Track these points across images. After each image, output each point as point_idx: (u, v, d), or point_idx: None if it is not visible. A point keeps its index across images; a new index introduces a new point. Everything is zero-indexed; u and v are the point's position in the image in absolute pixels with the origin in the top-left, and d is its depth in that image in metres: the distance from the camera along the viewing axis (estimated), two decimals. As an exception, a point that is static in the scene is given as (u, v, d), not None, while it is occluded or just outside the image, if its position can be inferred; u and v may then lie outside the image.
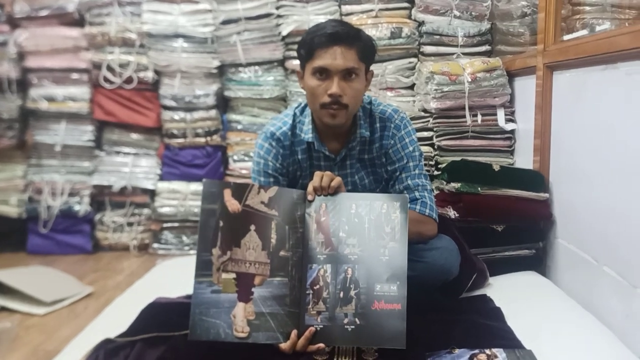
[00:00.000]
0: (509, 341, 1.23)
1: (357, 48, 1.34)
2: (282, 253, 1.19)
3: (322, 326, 1.15)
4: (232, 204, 1.18)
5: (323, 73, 1.34)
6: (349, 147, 1.49)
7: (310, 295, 1.18)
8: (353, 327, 1.15)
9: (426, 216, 1.46)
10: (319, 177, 1.24)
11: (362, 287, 1.17)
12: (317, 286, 1.18)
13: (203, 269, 1.14)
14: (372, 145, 1.51)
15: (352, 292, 1.17)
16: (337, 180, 1.25)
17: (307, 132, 1.47)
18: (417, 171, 1.49)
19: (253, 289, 1.15)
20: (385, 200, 1.23)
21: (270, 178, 1.48)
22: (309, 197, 1.24)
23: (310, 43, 1.35)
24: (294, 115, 1.51)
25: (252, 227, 1.18)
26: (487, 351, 1.16)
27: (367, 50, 1.39)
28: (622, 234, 1.38)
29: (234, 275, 1.15)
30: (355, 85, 1.36)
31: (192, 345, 1.14)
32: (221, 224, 1.16)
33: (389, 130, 1.50)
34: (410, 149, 1.50)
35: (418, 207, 1.45)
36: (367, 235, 1.20)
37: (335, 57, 1.32)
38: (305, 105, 1.51)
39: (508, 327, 1.32)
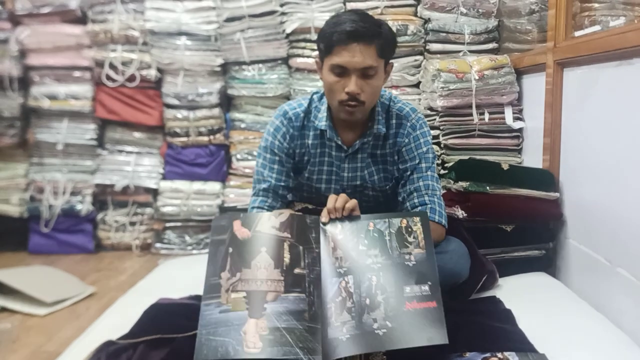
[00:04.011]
0: (521, 344, 1.19)
1: (376, 45, 1.30)
2: (297, 270, 1.13)
3: (348, 336, 1.08)
4: (242, 232, 1.15)
5: (341, 70, 1.31)
6: (363, 140, 1.47)
7: (332, 309, 1.11)
8: (385, 330, 1.08)
9: (435, 222, 1.42)
10: (333, 200, 1.21)
11: (389, 290, 1.12)
12: (339, 298, 1.12)
13: (211, 292, 1.09)
14: (386, 141, 1.49)
15: (380, 297, 1.11)
16: (352, 202, 1.21)
17: (321, 120, 1.46)
18: (429, 173, 1.47)
19: (265, 305, 1.09)
20: (404, 216, 1.21)
21: (276, 157, 1.48)
22: (323, 219, 1.21)
23: (329, 39, 1.31)
24: (311, 100, 1.50)
25: (263, 249, 1.14)
26: (499, 354, 1.12)
27: (387, 46, 1.35)
28: (636, 234, 1.35)
29: (244, 294, 1.09)
30: (373, 83, 1.33)
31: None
32: (230, 250, 1.13)
33: (404, 129, 1.48)
34: (424, 149, 1.47)
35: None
36: (389, 246, 1.17)
37: (353, 56, 1.28)
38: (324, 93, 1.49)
39: (519, 329, 1.29)
